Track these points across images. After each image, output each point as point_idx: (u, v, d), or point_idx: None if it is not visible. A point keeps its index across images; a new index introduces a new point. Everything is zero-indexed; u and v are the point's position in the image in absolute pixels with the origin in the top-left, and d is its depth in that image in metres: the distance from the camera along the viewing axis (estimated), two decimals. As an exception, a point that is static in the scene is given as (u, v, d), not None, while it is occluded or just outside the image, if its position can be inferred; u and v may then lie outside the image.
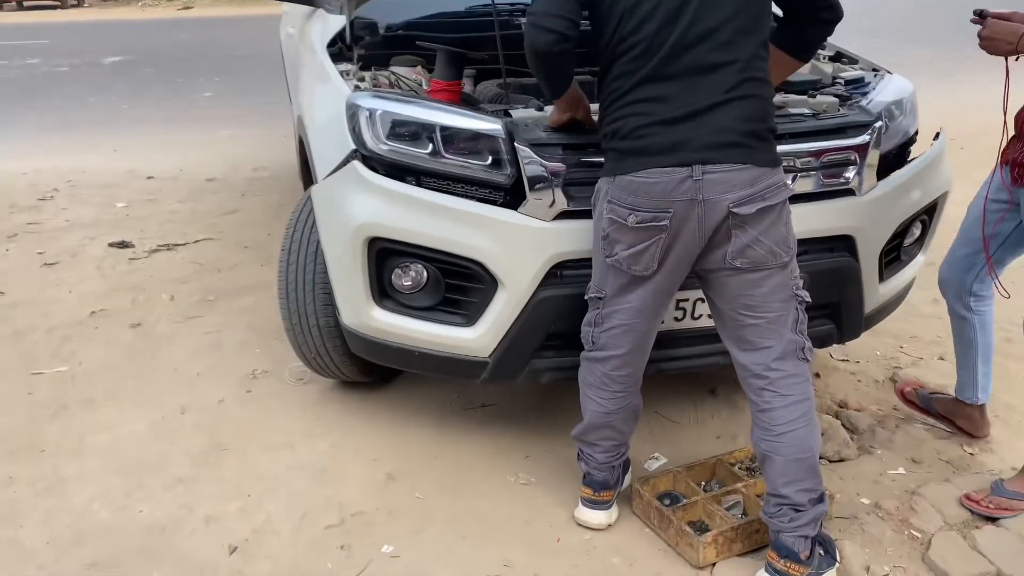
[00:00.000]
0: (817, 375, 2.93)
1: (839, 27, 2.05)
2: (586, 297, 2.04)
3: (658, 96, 1.81)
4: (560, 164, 2.09)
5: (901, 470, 2.43)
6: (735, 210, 1.79)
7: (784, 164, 2.04)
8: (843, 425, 2.59)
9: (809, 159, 2.21)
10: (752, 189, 1.80)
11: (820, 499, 1.94)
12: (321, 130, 2.55)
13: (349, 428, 2.65)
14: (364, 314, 2.30)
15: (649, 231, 1.83)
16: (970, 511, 2.20)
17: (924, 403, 2.67)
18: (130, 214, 4.77)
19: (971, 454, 2.50)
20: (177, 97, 8.22)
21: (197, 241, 4.31)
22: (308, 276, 2.51)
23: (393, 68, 2.67)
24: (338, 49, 2.79)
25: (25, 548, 2.16)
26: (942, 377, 2.89)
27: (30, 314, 3.48)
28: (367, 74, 2.55)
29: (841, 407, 2.73)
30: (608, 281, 1.96)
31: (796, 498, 1.90)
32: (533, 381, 2.32)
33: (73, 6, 20.86)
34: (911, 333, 3.25)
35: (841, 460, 2.45)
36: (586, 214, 2.07)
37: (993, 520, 2.17)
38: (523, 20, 2.06)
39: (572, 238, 2.12)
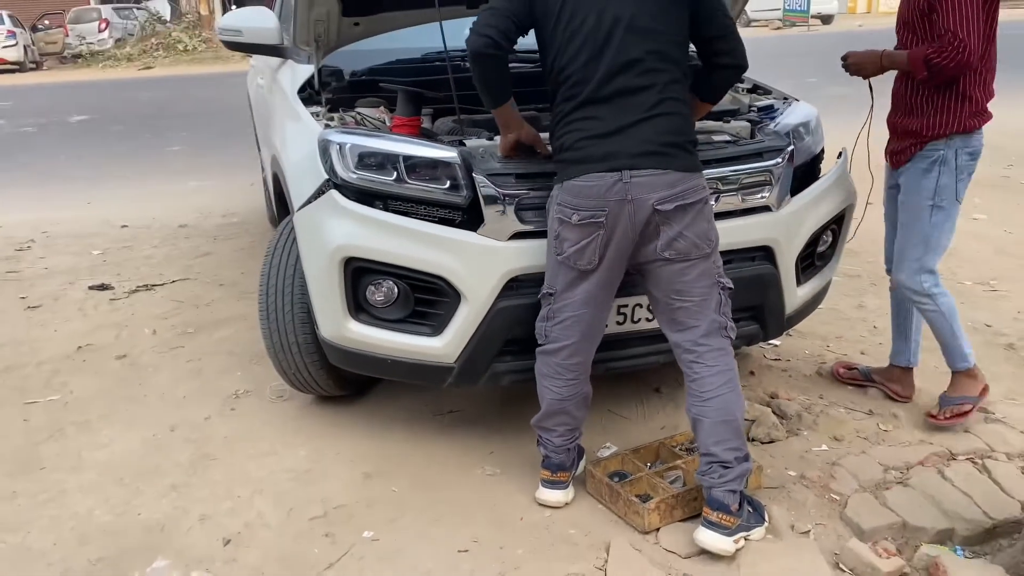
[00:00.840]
0: (752, 373, 3.24)
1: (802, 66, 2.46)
2: (539, 296, 2.33)
3: (594, 115, 2.18)
4: (513, 191, 2.40)
5: (824, 447, 2.73)
6: (658, 207, 2.13)
7: (711, 188, 2.39)
8: (774, 412, 2.89)
9: (731, 181, 2.54)
10: (672, 190, 2.14)
11: (745, 458, 2.23)
12: (296, 165, 2.83)
13: (328, 437, 2.88)
14: (341, 327, 2.56)
15: (589, 227, 2.16)
16: (936, 428, 2.64)
17: (864, 374, 3.09)
18: (107, 260, 4.99)
19: (885, 431, 2.80)
20: (146, 151, 8.46)
21: (174, 281, 4.53)
22: (287, 297, 2.76)
23: (359, 109, 2.96)
24: (307, 94, 3.08)
25: (33, 551, 2.35)
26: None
27: (18, 352, 3.67)
28: (335, 115, 2.84)
29: (772, 397, 3.03)
30: (558, 278, 2.27)
31: (723, 456, 2.20)
32: (494, 384, 2.59)
33: (32, 69, 21.06)
34: (837, 334, 3.58)
35: (772, 441, 2.75)
36: (536, 235, 2.39)
37: (902, 482, 2.47)
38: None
39: (525, 256, 2.42)
